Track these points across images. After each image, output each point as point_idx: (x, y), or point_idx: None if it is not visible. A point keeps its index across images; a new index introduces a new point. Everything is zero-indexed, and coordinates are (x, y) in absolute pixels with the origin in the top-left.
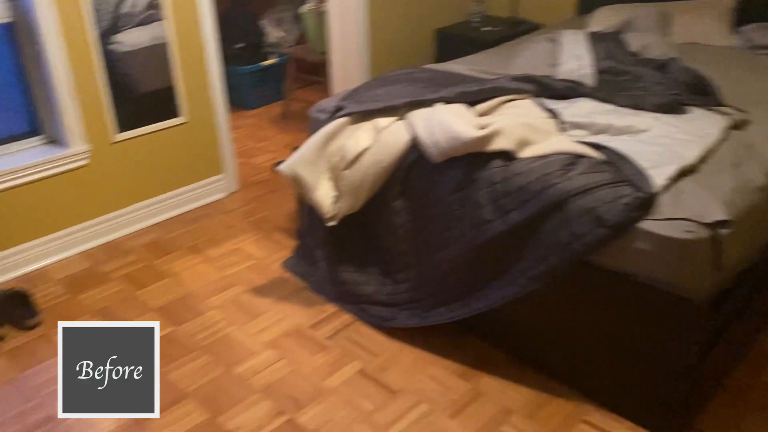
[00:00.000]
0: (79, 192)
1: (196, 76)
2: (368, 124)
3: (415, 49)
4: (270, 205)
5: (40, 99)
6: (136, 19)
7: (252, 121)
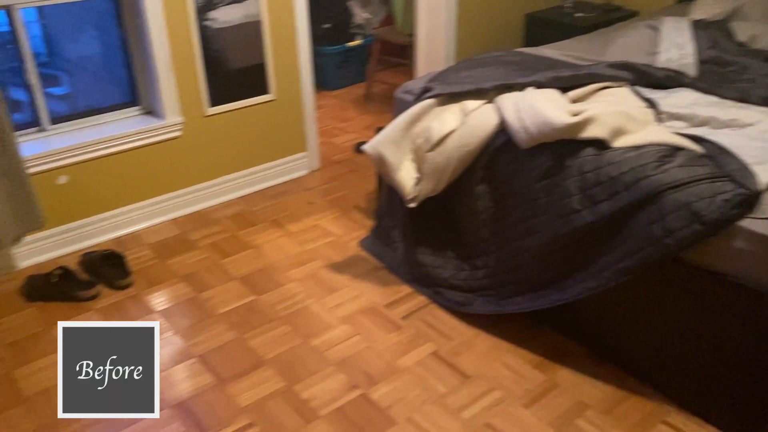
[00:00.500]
0: (172, 162)
1: (286, 54)
2: (455, 107)
3: (503, 34)
4: (349, 184)
5: (139, 71)
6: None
7: (334, 101)
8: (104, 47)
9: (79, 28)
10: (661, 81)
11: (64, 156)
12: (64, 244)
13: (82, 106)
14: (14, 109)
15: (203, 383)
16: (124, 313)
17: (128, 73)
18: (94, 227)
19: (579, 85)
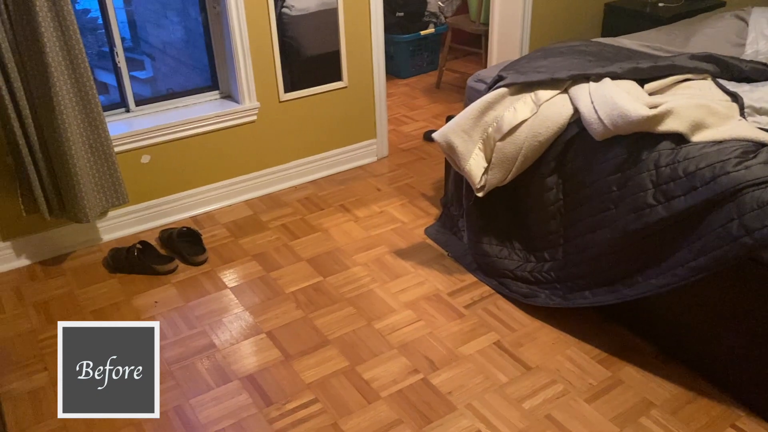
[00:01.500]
0: (247, 145)
1: (359, 43)
2: (528, 96)
3: (580, 24)
4: (416, 172)
5: (219, 57)
6: None
7: (405, 89)
8: (186, 33)
9: (163, 14)
10: (746, 74)
11: (147, 136)
12: (144, 220)
13: (165, 89)
14: (102, 90)
15: (270, 358)
16: (198, 288)
17: (209, 58)
18: (172, 205)
19: (658, 77)
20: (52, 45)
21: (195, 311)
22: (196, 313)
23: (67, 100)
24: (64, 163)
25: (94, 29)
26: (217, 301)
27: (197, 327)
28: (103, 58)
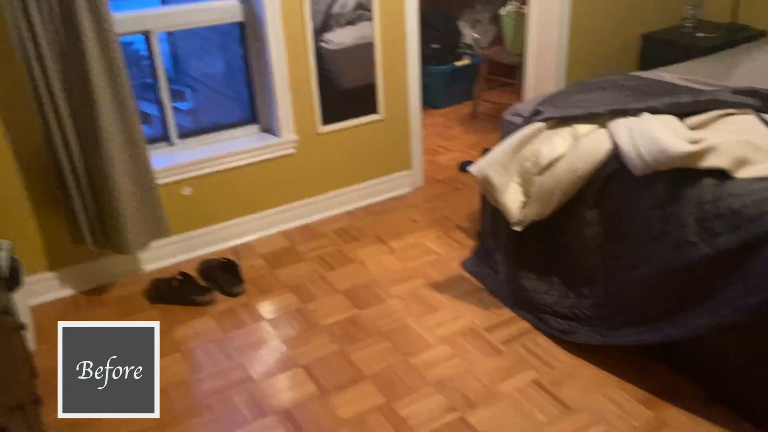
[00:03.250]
0: (284, 177)
1: (396, 75)
2: (566, 131)
3: (617, 55)
4: (452, 203)
5: (259, 91)
6: (344, 19)
7: (440, 119)
8: (227, 67)
9: (205, 48)
10: None
11: (189, 170)
12: (184, 251)
13: (206, 121)
14: (145, 120)
15: (307, 392)
16: (236, 319)
17: (249, 92)
18: (211, 236)
19: (699, 111)
20: (100, 82)
21: (233, 343)
22: (233, 345)
23: (113, 135)
24: (109, 196)
25: (137, 61)
26: (254, 333)
27: (235, 359)
28: (147, 89)
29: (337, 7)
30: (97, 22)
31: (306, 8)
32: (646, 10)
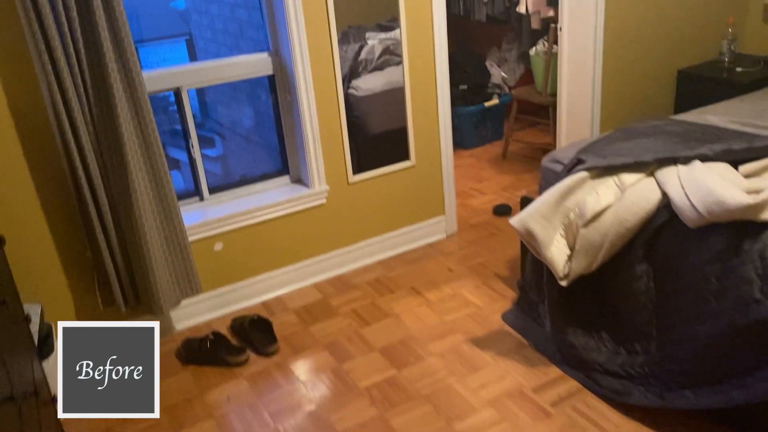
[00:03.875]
0: (316, 228)
1: (427, 119)
2: (611, 180)
3: (653, 92)
4: (488, 250)
5: (289, 142)
6: (371, 65)
7: (470, 160)
8: (256, 115)
9: (234, 96)
10: None
11: (220, 225)
12: (216, 307)
13: (235, 168)
14: (174, 166)
15: None
16: (270, 381)
17: (279, 142)
18: (243, 291)
19: (754, 158)
20: (132, 144)
21: (267, 407)
22: (268, 409)
23: (144, 195)
24: (141, 257)
25: (166, 107)
26: (289, 397)
27: (269, 426)
28: (176, 135)
29: (365, 54)
30: (128, 84)
31: (336, 59)
32: (682, 46)
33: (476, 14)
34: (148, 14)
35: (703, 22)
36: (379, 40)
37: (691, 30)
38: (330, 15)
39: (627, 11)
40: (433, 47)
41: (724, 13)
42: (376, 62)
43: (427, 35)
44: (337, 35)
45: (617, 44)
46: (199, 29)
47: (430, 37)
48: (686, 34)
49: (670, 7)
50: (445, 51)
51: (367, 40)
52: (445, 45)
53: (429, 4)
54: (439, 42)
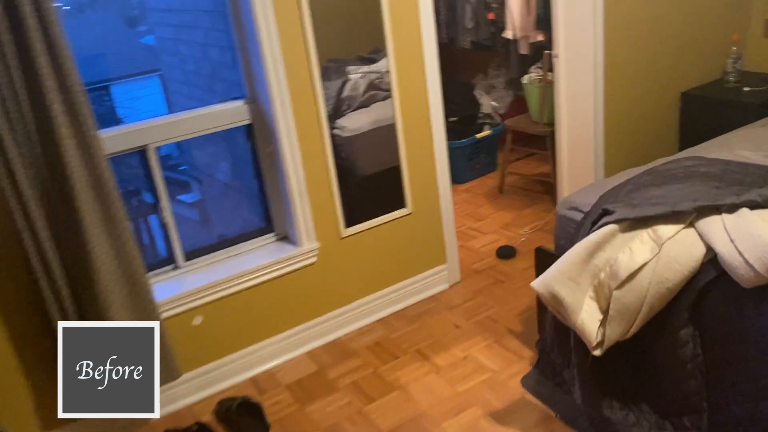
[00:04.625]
0: (307, 290)
1: (421, 159)
2: (645, 233)
3: (656, 116)
4: (496, 300)
5: (273, 196)
6: (356, 102)
7: (465, 196)
8: (236, 165)
9: (212, 141)
10: None
11: (199, 296)
12: (199, 388)
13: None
14: (146, 244)
15: None
16: None
17: (261, 196)
18: (228, 368)
19: None
20: (91, 218)
21: None
22: None
23: (109, 275)
24: None
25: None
26: None
27: None
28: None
29: (348, 91)
30: (84, 148)
31: (320, 100)
32: (684, 68)
33: (461, 41)
34: (119, 52)
35: (705, 41)
36: (362, 74)
37: (692, 50)
38: (310, 51)
39: (625, 35)
40: (425, 78)
41: (725, 30)
42: (361, 99)
43: (417, 65)
44: (318, 69)
45: (617, 70)
46: (169, 70)
47: (421, 66)
48: (687, 55)
49: (670, 28)
50: (437, 82)
51: (348, 75)
52: (437, 75)
53: (417, 31)
54: (430, 72)
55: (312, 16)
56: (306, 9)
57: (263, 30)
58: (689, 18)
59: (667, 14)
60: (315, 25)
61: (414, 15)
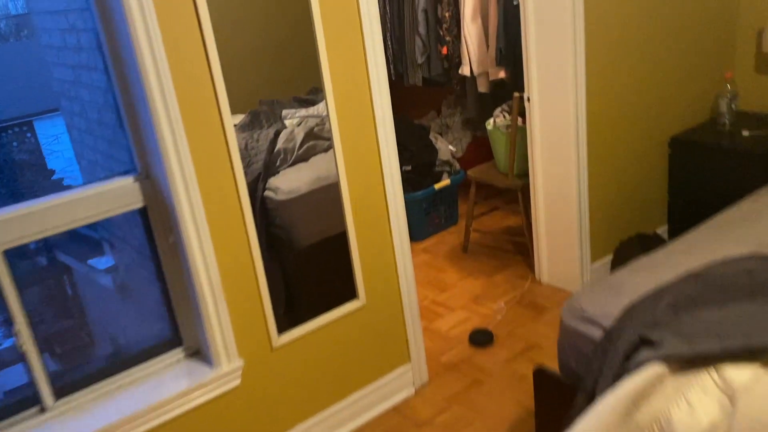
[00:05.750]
0: (229, 422)
1: (375, 232)
2: (707, 378)
3: (644, 165)
4: (477, 410)
5: (179, 302)
6: (293, 155)
7: (425, 258)
8: (130, 268)
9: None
10: None
11: None
12: None
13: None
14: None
15: None
16: None
17: (164, 299)
18: None
19: None
20: None
21: None
22: None
23: None
24: None
25: None
26: None
27: None
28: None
29: (283, 142)
30: None
31: (237, 169)
32: (671, 106)
33: (410, 78)
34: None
35: (693, 80)
36: (300, 118)
37: (680, 91)
38: (220, 99)
39: (609, 77)
40: (374, 124)
41: (714, 68)
42: (298, 152)
43: (364, 107)
44: (233, 127)
45: (601, 115)
46: (71, 117)
47: (369, 109)
48: (675, 97)
49: (656, 66)
50: (390, 129)
51: (284, 120)
52: (389, 119)
53: (363, 64)
54: (381, 116)
55: (224, 51)
56: (211, 43)
57: (151, 74)
58: (675, 55)
59: (651, 54)
60: (231, 62)
61: (357, 47)
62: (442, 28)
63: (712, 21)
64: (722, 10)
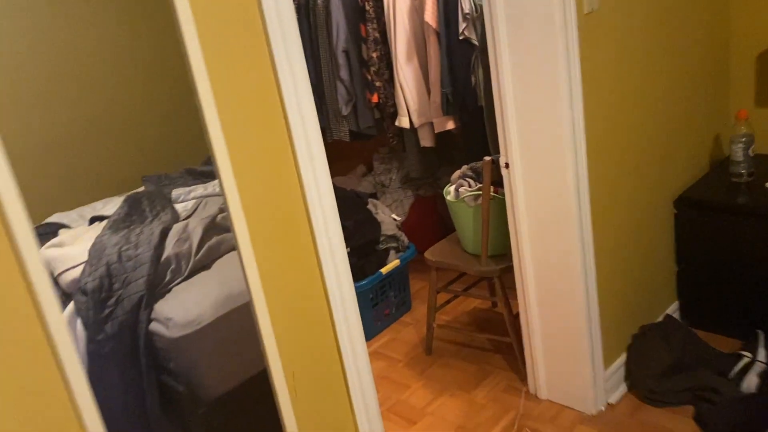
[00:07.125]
0: None
1: (318, 369)
2: None
3: (650, 229)
4: None
5: None
6: (189, 263)
7: (379, 366)
8: None
9: None
10: None
11: None
12: None
13: None
14: None
15: None
16: None
17: None
18: None
19: None
20: None
21: None
22: None
23: None
24: None
25: None
26: None
27: None
28: None
29: (173, 246)
30: None
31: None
32: (672, 165)
33: (335, 132)
34: None
35: (700, 123)
36: (196, 200)
37: (685, 138)
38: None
39: (609, 134)
40: (305, 203)
41: (721, 107)
42: (196, 256)
43: (288, 181)
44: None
45: (602, 182)
46: None
47: (296, 186)
48: (680, 144)
49: (656, 113)
50: (331, 210)
51: (174, 204)
52: (329, 197)
53: (282, 119)
54: (317, 195)
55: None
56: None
57: None
58: (677, 98)
59: (651, 99)
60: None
61: (268, 95)
62: (369, 71)
63: (716, 54)
64: (726, 41)
